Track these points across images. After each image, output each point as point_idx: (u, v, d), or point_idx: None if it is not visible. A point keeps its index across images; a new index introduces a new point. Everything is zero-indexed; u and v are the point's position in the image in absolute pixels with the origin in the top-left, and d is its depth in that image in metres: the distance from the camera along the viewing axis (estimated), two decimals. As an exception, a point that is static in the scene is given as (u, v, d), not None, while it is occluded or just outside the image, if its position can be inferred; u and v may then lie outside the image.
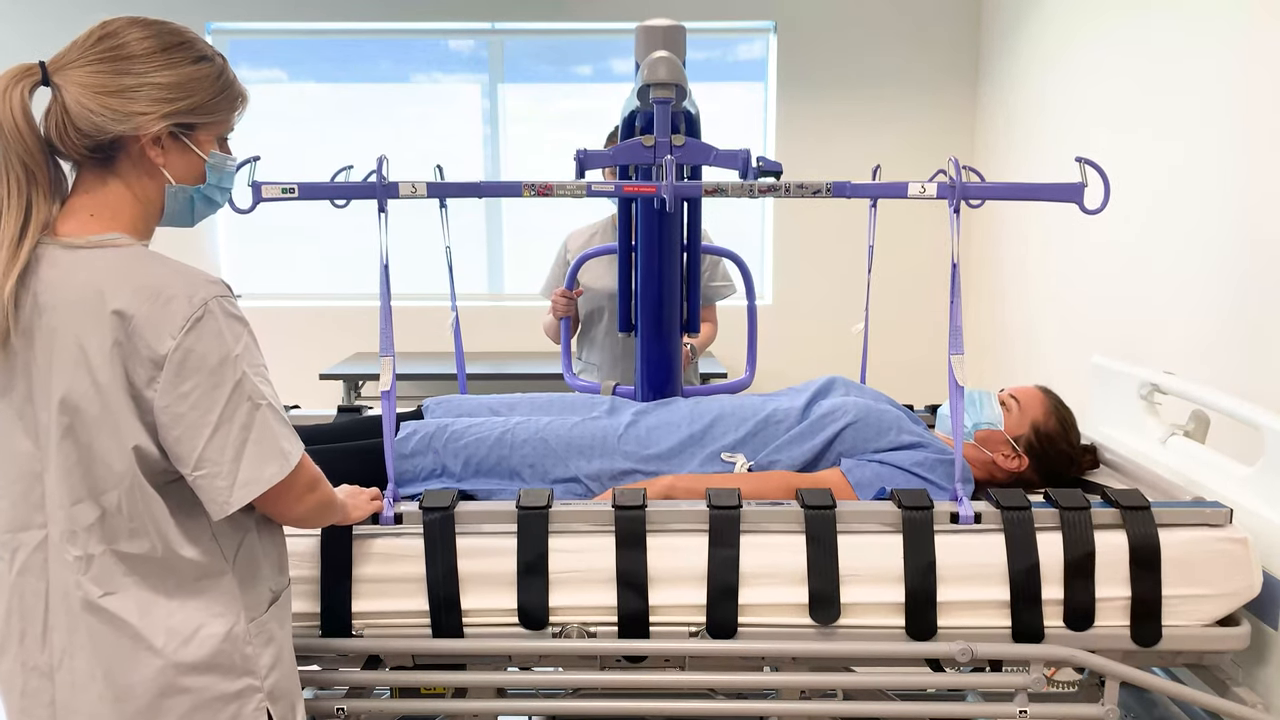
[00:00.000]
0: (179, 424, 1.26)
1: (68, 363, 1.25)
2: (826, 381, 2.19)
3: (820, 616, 1.74)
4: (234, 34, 5.12)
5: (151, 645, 1.31)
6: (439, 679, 1.80)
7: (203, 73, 1.34)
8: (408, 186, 1.86)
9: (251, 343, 1.33)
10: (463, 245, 5.03)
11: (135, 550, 1.31)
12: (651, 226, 2.29)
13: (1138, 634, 1.75)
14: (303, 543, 1.75)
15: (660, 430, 2.04)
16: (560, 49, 5.18)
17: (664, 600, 1.74)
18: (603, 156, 2.11)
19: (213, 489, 1.29)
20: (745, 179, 2.01)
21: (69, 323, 1.25)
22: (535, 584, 1.73)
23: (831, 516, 1.75)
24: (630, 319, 2.50)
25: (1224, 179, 2.85)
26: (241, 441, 1.29)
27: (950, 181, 1.87)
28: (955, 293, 1.84)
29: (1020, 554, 1.74)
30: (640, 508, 1.75)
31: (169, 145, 1.34)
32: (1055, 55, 4.08)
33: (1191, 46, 3.05)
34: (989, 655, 1.74)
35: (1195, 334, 2.97)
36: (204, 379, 1.26)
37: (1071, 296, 3.88)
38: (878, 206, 2.51)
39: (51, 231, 1.30)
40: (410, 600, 1.75)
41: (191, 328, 1.25)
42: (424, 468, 1.98)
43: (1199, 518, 1.80)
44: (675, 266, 2.35)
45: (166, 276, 1.27)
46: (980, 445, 2.10)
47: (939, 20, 4.96)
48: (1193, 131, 3.02)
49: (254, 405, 1.30)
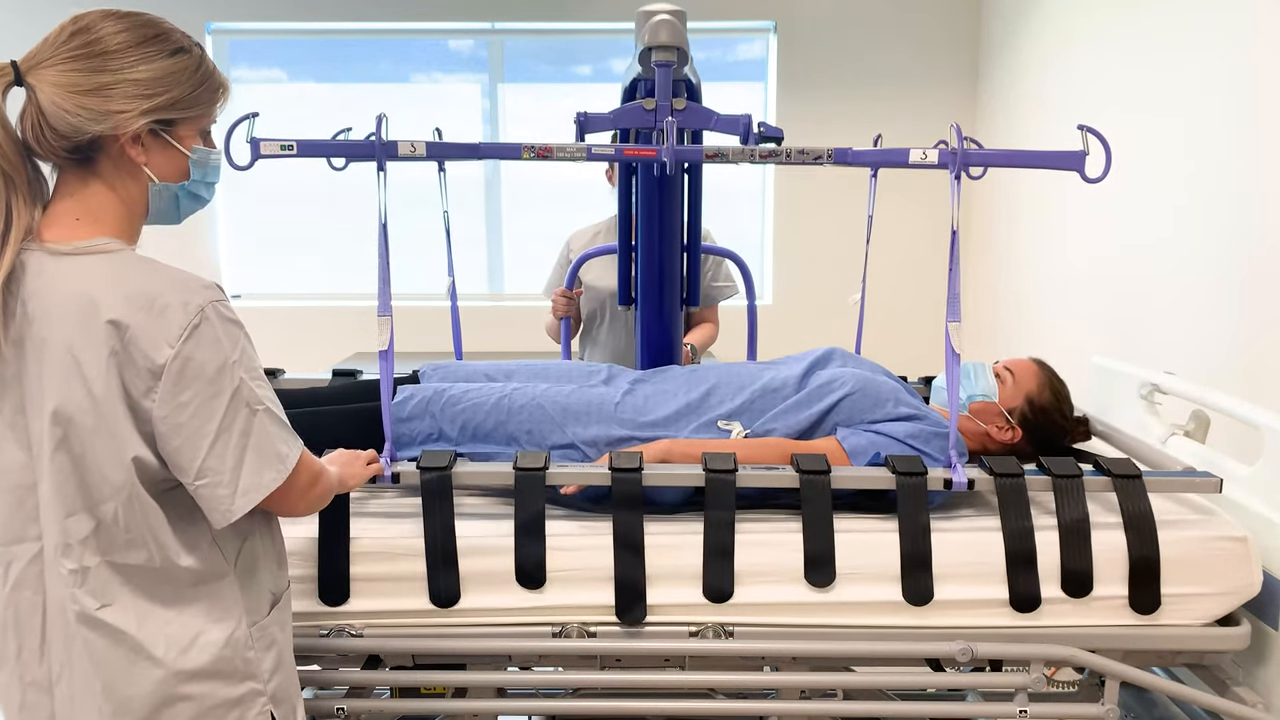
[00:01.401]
0: (178, 434, 1.24)
1: (60, 374, 1.22)
2: (825, 352, 2.18)
3: (816, 579, 1.74)
4: (234, 34, 5.12)
5: (151, 655, 1.29)
6: (439, 679, 1.80)
7: (181, 65, 1.30)
8: (406, 146, 1.84)
9: (248, 345, 1.30)
10: (463, 245, 5.04)
11: (132, 561, 1.28)
12: (652, 196, 2.27)
13: (1136, 601, 1.75)
14: (301, 542, 1.75)
15: (657, 398, 2.04)
16: (560, 49, 5.18)
17: (664, 599, 1.75)
18: (604, 119, 2.09)
19: (215, 498, 1.27)
20: (746, 145, 2.00)
21: (60, 333, 1.22)
22: (532, 544, 1.74)
23: (826, 481, 1.76)
24: (630, 292, 2.48)
25: (1226, 179, 2.85)
26: (242, 449, 1.27)
27: (951, 149, 1.86)
28: (954, 261, 1.83)
29: (1014, 520, 1.75)
30: (637, 470, 1.75)
31: (150, 143, 1.30)
32: (1055, 55, 4.08)
33: (1192, 45, 3.05)
34: (989, 655, 1.74)
35: (1195, 334, 2.97)
36: (203, 387, 1.24)
37: (1071, 297, 3.88)
38: (878, 176, 2.48)
39: (36, 237, 1.26)
40: (410, 600, 1.75)
41: (189, 336, 1.22)
42: (421, 432, 1.98)
43: (1189, 486, 1.82)
44: (676, 237, 2.33)
45: (160, 283, 1.24)
46: (974, 417, 2.10)
47: (939, 20, 4.96)
48: (1194, 131, 3.02)
49: (251, 411, 1.28)
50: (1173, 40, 3.15)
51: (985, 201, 4.80)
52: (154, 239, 1.38)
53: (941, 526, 1.79)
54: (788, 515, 1.85)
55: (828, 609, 1.75)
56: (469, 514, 1.83)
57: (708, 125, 2.06)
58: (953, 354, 1.83)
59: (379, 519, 1.83)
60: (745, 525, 1.79)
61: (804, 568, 1.74)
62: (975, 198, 4.86)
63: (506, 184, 5.25)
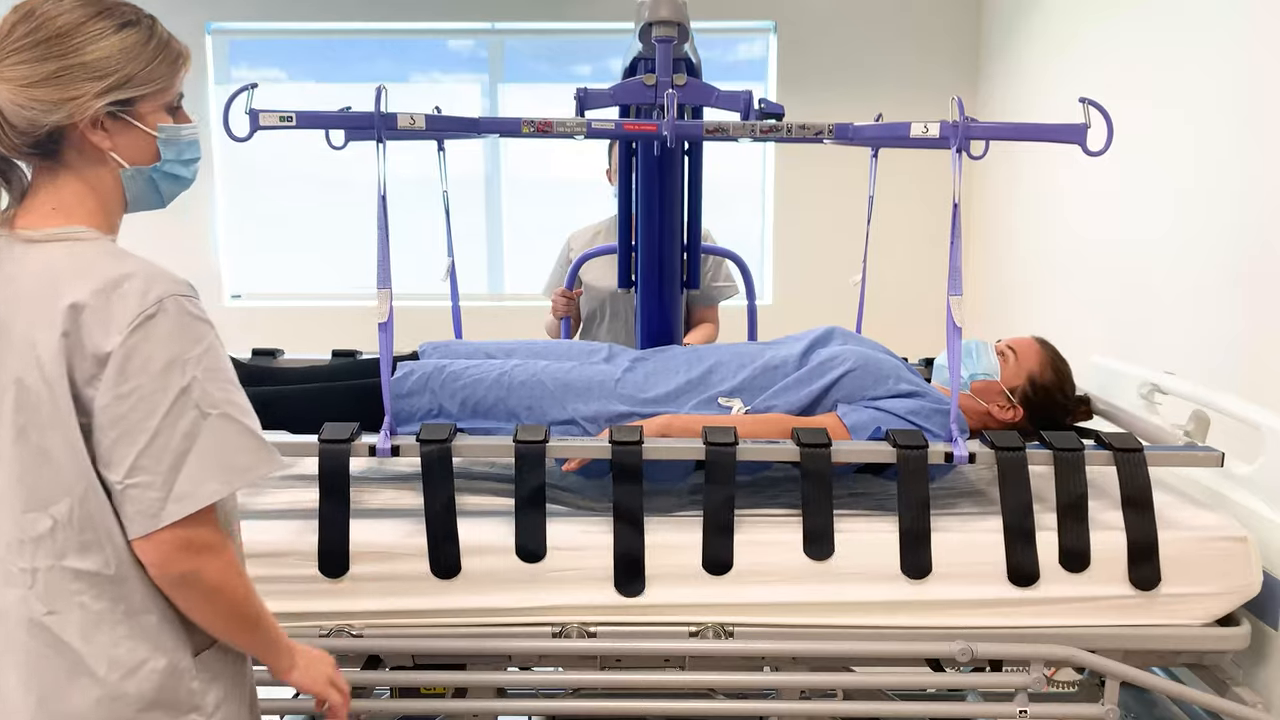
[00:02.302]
0: (116, 426, 1.16)
1: (20, 357, 1.17)
2: (825, 331, 2.17)
3: (814, 552, 1.75)
4: (234, 34, 5.12)
5: (93, 673, 1.21)
6: (439, 679, 1.80)
7: (131, 40, 1.23)
8: (406, 118, 1.84)
9: (214, 346, 1.22)
10: (463, 245, 5.03)
11: (86, 567, 1.20)
12: (652, 175, 2.25)
13: (1135, 576, 1.75)
14: (299, 541, 1.75)
15: (658, 375, 2.04)
16: (560, 49, 5.18)
17: (664, 599, 1.75)
18: (604, 95, 2.07)
19: (143, 500, 1.17)
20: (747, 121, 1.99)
21: (22, 315, 1.18)
22: (533, 519, 1.74)
23: (826, 454, 1.76)
24: (630, 274, 2.47)
25: (1226, 179, 2.85)
26: (182, 452, 1.18)
27: (952, 121, 1.85)
28: (955, 234, 1.83)
29: (1013, 493, 1.75)
30: (637, 443, 1.75)
31: (112, 126, 1.24)
32: (1055, 55, 4.08)
33: (1194, 46, 3.04)
34: (989, 655, 1.74)
35: (1195, 334, 2.97)
36: (147, 381, 1.16)
37: (1071, 297, 3.88)
38: (879, 156, 2.50)
39: (10, 226, 1.23)
40: (410, 599, 1.75)
41: (140, 325, 1.16)
42: (420, 408, 1.97)
43: (1191, 460, 1.83)
44: (676, 217, 2.32)
45: (125, 270, 1.19)
46: (976, 396, 2.09)
47: (939, 20, 4.96)
48: (1194, 131, 3.02)
49: (201, 414, 1.19)
50: (1173, 40, 3.15)
51: (985, 200, 4.80)
52: (154, 240, 1.37)
53: (941, 526, 1.80)
54: (787, 513, 1.86)
55: (828, 609, 1.75)
56: (470, 512, 1.83)
57: (709, 101, 2.05)
58: (954, 327, 1.82)
59: (378, 520, 1.83)
60: (745, 526, 1.80)
61: (802, 541, 1.75)
62: (975, 199, 4.86)
63: (507, 183, 5.25)
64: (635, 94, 2.03)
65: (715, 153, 2.74)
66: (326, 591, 1.75)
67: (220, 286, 5.18)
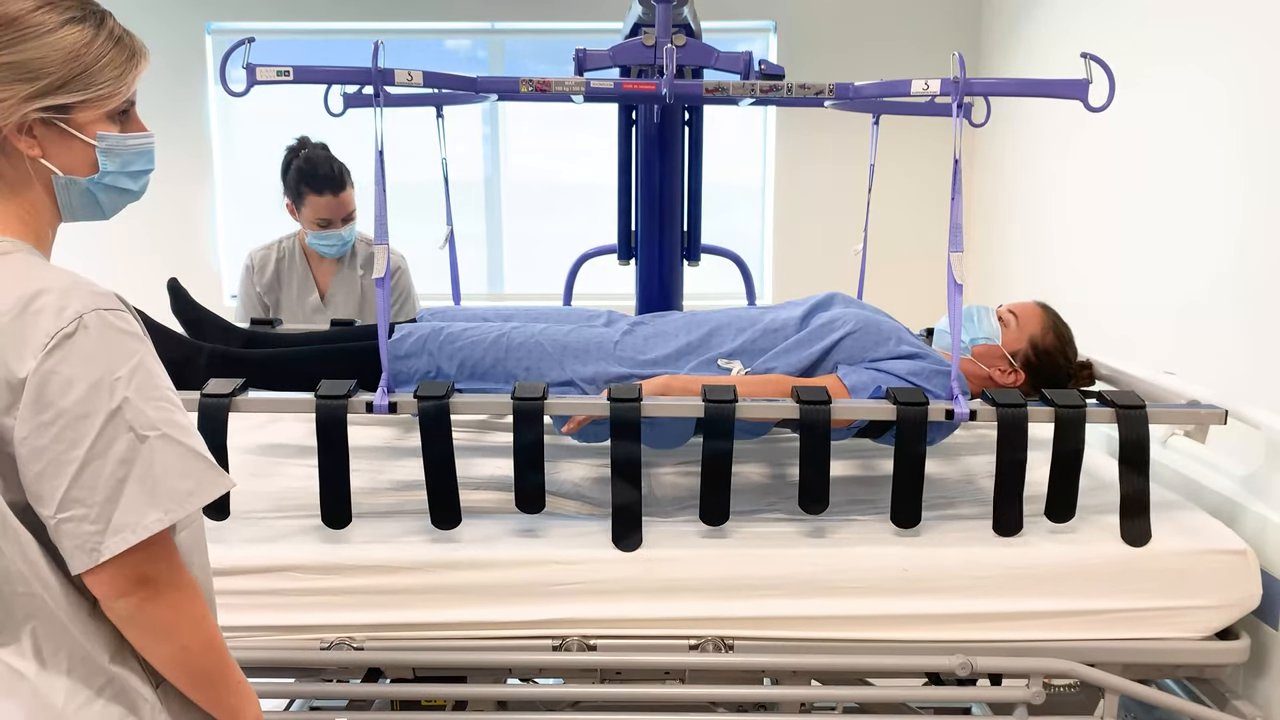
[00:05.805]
0: (39, 458, 1.05)
1: None
2: (825, 296, 2.17)
3: (811, 508, 1.77)
4: (234, 34, 5.11)
5: (49, 703, 1.11)
6: (439, 692, 1.80)
7: (73, 38, 1.11)
8: (403, 74, 1.82)
9: (146, 362, 1.11)
10: (463, 246, 5.02)
11: (22, 591, 1.10)
12: (652, 140, 2.23)
13: (1127, 532, 1.76)
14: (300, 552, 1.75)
15: (657, 338, 2.04)
16: (560, 49, 5.16)
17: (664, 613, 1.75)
18: (602, 56, 2.05)
19: (79, 534, 1.06)
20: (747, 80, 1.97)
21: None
22: (531, 473, 1.76)
23: (826, 411, 1.75)
24: (630, 245, 2.44)
25: (1227, 179, 2.85)
26: (119, 479, 1.07)
27: (953, 78, 1.84)
28: (956, 190, 1.82)
29: (1009, 449, 1.75)
30: (635, 400, 1.75)
31: (42, 133, 1.13)
32: (1055, 55, 4.07)
33: (1192, 47, 3.04)
34: (988, 669, 1.74)
35: (1195, 334, 2.97)
36: (70, 406, 1.05)
37: (1071, 297, 3.88)
38: (880, 122, 2.48)
39: None
40: (411, 612, 1.75)
41: (56, 346, 1.05)
42: (418, 369, 1.97)
43: (1194, 418, 1.83)
44: (676, 185, 2.29)
45: (38, 286, 1.08)
46: (977, 360, 2.09)
47: (939, 20, 4.95)
48: (1194, 131, 3.02)
49: (138, 437, 1.08)
50: (1173, 41, 3.15)
51: (985, 199, 4.79)
52: (154, 240, 1.34)
53: (940, 540, 1.80)
54: (788, 519, 1.86)
55: (828, 622, 1.75)
56: (472, 514, 1.83)
57: (709, 62, 2.03)
58: (955, 285, 1.80)
59: (379, 531, 1.83)
60: (744, 538, 1.80)
61: (799, 497, 1.77)
62: (976, 197, 4.86)
63: (507, 183, 5.24)
64: (634, 54, 2.01)
65: (715, 153, 2.72)
66: (327, 604, 1.74)
67: (220, 286, 5.18)
